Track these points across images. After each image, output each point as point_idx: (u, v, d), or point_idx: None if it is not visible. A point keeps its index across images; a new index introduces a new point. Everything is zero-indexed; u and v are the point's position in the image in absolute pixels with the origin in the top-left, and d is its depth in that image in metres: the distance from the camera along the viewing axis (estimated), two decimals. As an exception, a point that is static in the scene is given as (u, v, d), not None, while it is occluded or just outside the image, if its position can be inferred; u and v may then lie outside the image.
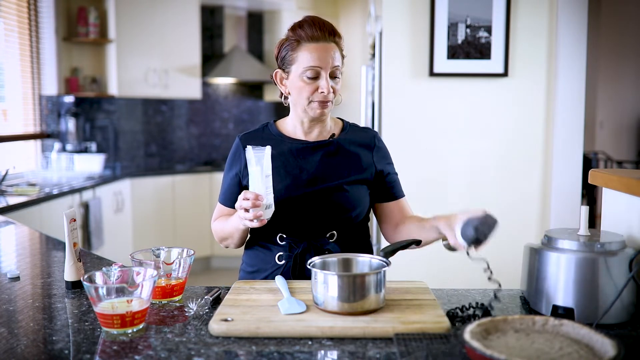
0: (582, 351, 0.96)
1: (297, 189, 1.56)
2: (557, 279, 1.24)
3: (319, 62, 1.50)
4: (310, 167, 1.57)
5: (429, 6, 2.76)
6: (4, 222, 2.53)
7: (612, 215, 1.50)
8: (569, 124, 2.81)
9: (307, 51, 1.50)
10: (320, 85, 1.51)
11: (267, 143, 1.53)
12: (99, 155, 4.92)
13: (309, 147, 1.59)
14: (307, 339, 1.12)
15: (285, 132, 1.64)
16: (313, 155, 1.59)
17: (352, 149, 1.62)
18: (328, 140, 1.61)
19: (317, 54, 1.50)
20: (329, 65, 1.51)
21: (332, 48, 1.52)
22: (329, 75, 1.52)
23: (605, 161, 6.61)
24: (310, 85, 1.52)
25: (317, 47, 1.50)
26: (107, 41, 4.93)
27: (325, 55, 1.50)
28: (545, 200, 2.86)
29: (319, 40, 1.51)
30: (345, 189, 1.57)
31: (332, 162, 1.58)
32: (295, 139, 1.61)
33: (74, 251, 1.44)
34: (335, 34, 1.54)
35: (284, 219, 1.55)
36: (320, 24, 1.53)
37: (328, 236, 1.57)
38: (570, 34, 2.77)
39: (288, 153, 1.59)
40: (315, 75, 1.51)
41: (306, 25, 1.52)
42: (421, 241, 1.52)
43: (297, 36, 1.52)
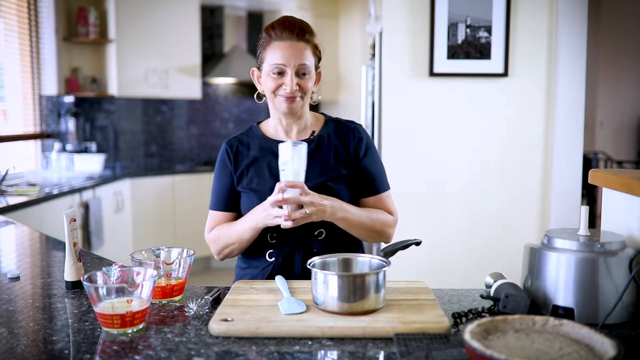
0: (582, 351, 0.96)
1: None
2: (557, 279, 1.24)
3: (283, 60, 1.55)
4: None
5: (429, 6, 2.76)
6: (4, 222, 2.53)
7: (612, 215, 1.50)
8: (569, 124, 2.81)
9: (274, 49, 1.57)
10: (285, 82, 1.56)
11: (252, 145, 1.63)
12: (99, 155, 4.92)
13: None
14: (307, 339, 1.12)
15: (268, 133, 1.68)
16: None
17: (333, 145, 1.65)
18: (309, 139, 1.64)
19: (282, 52, 1.55)
20: (295, 64, 1.55)
21: (300, 47, 1.56)
22: (296, 73, 1.56)
23: (605, 161, 6.61)
24: (276, 81, 1.57)
25: (284, 45, 1.56)
26: (107, 41, 4.93)
27: (291, 53, 1.55)
28: (545, 200, 2.86)
29: (287, 40, 1.56)
30: (329, 186, 1.59)
31: (315, 161, 1.60)
32: (277, 139, 1.64)
33: (74, 251, 1.44)
34: (306, 33, 1.58)
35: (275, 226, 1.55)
36: (290, 24, 1.58)
37: (316, 234, 1.59)
38: (570, 34, 2.77)
39: (271, 154, 1.63)
40: (280, 71, 1.56)
41: (277, 25, 1.58)
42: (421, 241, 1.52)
43: (269, 35, 1.59)
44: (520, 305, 1.22)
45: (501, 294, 1.23)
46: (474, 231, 2.88)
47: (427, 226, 2.85)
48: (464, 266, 2.87)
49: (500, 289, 1.26)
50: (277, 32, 1.57)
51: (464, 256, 2.89)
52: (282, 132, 1.66)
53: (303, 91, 1.58)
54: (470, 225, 2.88)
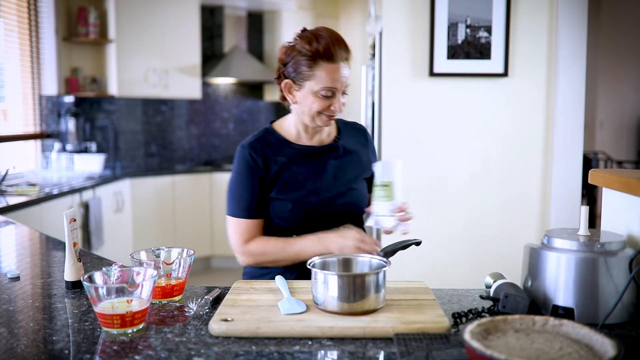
0: (582, 351, 0.96)
1: (311, 196, 1.61)
2: (557, 279, 1.24)
3: (335, 83, 1.55)
4: (321, 172, 1.63)
5: (429, 6, 2.76)
6: (4, 222, 2.53)
7: (612, 215, 1.50)
8: (569, 124, 2.81)
9: (324, 71, 1.54)
10: (333, 103, 1.56)
11: (275, 149, 1.61)
12: (99, 155, 4.92)
13: (317, 151, 1.65)
14: (307, 339, 1.12)
15: (288, 136, 1.66)
16: (322, 161, 1.65)
17: (352, 148, 1.69)
18: (334, 145, 1.67)
19: (334, 75, 1.54)
20: (343, 85, 1.57)
21: (345, 67, 1.57)
22: (343, 92, 1.58)
23: (605, 161, 6.61)
24: (323, 102, 1.56)
25: (334, 68, 1.54)
26: (107, 41, 4.93)
27: (341, 76, 1.56)
28: (545, 200, 2.86)
29: (336, 61, 1.55)
30: (354, 188, 1.65)
31: (341, 165, 1.66)
32: (300, 144, 1.65)
33: (74, 251, 1.44)
34: (348, 52, 1.59)
35: (299, 224, 1.61)
36: (337, 43, 1.55)
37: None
38: (570, 34, 2.77)
39: (298, 159, 1.63)
40: (329, 95, 1.55)
41: (323, 41, 1.54)
42: (421, 241, 1.54)
43: (314, 52, 1.53)
44: (520, 305, 1.22)
45: (501, 294, 1.24)
46: (474, 231, 2.88)
47: (427, 226, 2.85)
48: (464, 266, 2.87)
49: (500, 289, 1.26)
50: (325, 51, 1.53)
51: (464, 256, 2.89)
52: (305, 137, 1.66)
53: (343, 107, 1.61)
54: (470, 225, 2.88)
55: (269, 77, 5.92)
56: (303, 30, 1.60)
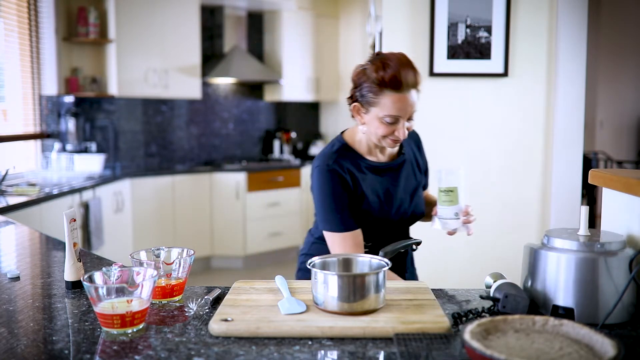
0: (582, 351, 0.96)
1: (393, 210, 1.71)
2: (557, 279, 1.24)
3: (399, 112, 1.58)
4: (395, 185, 1.73)
5: (429, 6, 2.76)
6: (4, 222, 2.53)
7: (612, 215, 1.50)
8: (569, 124, 2.81)
9: (389, 100, 1.57)
10: (397, 129, 1.60)
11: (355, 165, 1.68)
12: (99, 155, 4.92)
13: (392, 167, 1.74)
14: (307, 339, 1.12)
15: (361, 151, 1.72)
16: (395, 174, 1.74)
17: (412, 157, 1.81)
18: (402, 159, 1.76)
19: (399, 104, 1.57)
20: (408, 113, 1.60)
21: (412, 95, 1.59)
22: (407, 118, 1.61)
23: (605, 161, 6.61)
24: (387, 128, 1.60)
25: (399, 97, 1.57)
26: (107, 41, 4.93)
27: (406, 104, 1.58)
28: (545, 200, 2.86)
29: (402, 90, 1.56)
30: (418, 195, 1.78)
31: (408, 175, 1.76)
32: (374, 160, 1.72)
33: (74, 251, 1.44)
34: (417, 79, 1.59)
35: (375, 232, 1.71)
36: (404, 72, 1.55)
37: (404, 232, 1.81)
38: (570, 34, 2.77)
39: (375, 174, 1.71)
40: (394, 122, 1.59)
41: (390, 70, 1.55)
42: (421, 241, 1.55)
43: (380, 80, 1.56)
44: (520, 305, 1.22)
45: (501, 294, 1.24)
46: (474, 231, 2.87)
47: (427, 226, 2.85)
48: (464, 266, 2.87)
49: (500, 289, 1.26)
50: (393, 80, 1.55)
51: (464, 256, 2.89)
52: (376, 152, 1.73)
53: (408, 132, 1.64)
54: (470, 225, 2.87)
55: (269, 77, 5.92)
56: (377, 54, 1.64)
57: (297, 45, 6.15)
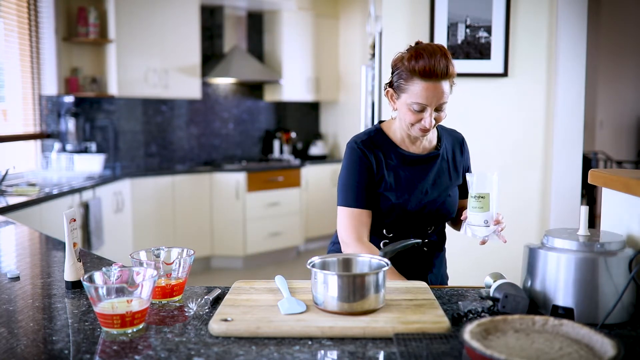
0: (582, 351, 0.96)
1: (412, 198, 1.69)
2: (557, 279, 1.24)
3: (426, 100, 1.58)
4: (423, 178, 1.71)
5: (429, 6, 2.76)
6: (4, 222, 2.53)
7: (612, 215, 1.50)
8: (569, 124, 2.81)
9: (417, 87, 1.58)
10: (423, 118, 1.60)
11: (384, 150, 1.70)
12: (99, 155, 4.92)
13: (422, 159, 1.72)
14: (307, 339, 1.12)
15: (395, 139, 1.73)
16: (425, 168, 1.72)
17: (450, 156, 1.79)
18: (436, 153, 1.74)
19: (426, 92, 1.57)
20: (436, 103, 1.59)
21: (442, 86, 1.58)
22: (436, 108, 1.60)
23: (605, 161, 6.61)
24: (415, 115, 1.61)
25: (427, 86, 1.57)
26: (107, 41, 4.93)
27: (434, 94, 1.57)
28: (545, 200, 2.86)
29: (431, 79, 1.57)
30: (449, 195, 1.74)
31: (441, 172, 1.74)
32: (405, 149, 1.72)
33: (74, 251, 1.44)
34: (449, 69, 1.58)
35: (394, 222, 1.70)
36: (436, 62, 1.56)
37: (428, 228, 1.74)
38: (570, 34, 2.77)
39: (403, 163, 1.71)
40: (420, 109, 1.60)
41: (422, 60, 1.57)
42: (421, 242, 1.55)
43: (411, 67, 1.58)
44: (520, 305, 1.22)
45: (501, 294, 1.24)
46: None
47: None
48: (464, 266, 2.87)
49: (500, 289, 1.27)
50: (422, 68, 1.56)
51: (464, 256, 2.89)
52: (409, 142, 1.73)
53: (438, 121, 1.64)
54: (470, 225, 2.87)
55: (269, 77, 5.92)
56: (416, 43, 1.67)
57: (297, 45, 6.15)
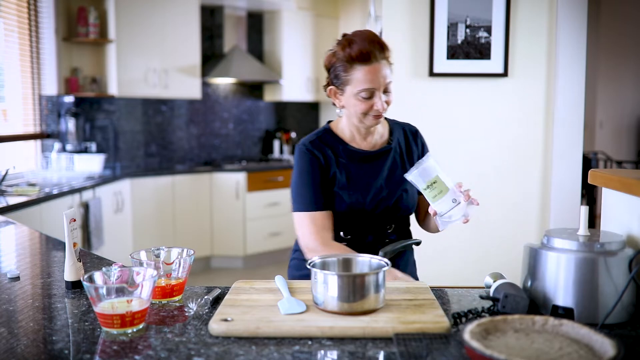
0: (582, 351, 0.96)
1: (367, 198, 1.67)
2: (557, 279, 1.24)
3: (373, 83, 1.57)
4: (376, 174, 1.68)
5: (429, 6, 2.76)
6: (4, 222, 2.53)
7: (612, 215, 1.50)
8: (569, 124, 2.81)
9: (360, 73, 1.57)
10: (375, 103, 1.59)
11: (334, 148, 1.68)
12: (99, 155, 4.92)
13: (373, 155, 1.70)
14: (307, 339, 1.12)
15: (344, 137, 1.72)
16: (377, 164, 1.70)
17: (404, 149, 1.73)
18: (387, 147, 1.71)
19: (371, 76, 1.57)
20: (382, 84, 1.58)
21: (382, 66, 1.58)
22: (384, 91, 1.59)
23: (605, 161, 6.61)
24: (365, 103, 1.60)
25: (369, 69, 1.56)
26: (107, 41, 4.93)
27: (378, 75, 1.57)
28: (545, 200, 2.86)
29: (371, 62, 1.56)
30: (406, 190, 1.70)
31: (394, 167, 1.70)
32: (355, 146, 1.71)
33: (74, 251, 1.44)
34: (384, 50, 1.59)
35: (351, 223, 1.67)
36: (370, 44, 1.56)
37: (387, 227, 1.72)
38: (570, 34, 2.77)
39: (357, 161, 1.69)
40: (369, 95, 1.58)
41: (355, 45, 1.57)
42: (421, 241, 1.55)
43: (348, 57, 1.57)
44: (520, 305, 1.22)
45: (501, 294, 1.24)
46: (474, 231, 2.88)
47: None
48: (464, 266, 2.87)
49: (500, 289, 1.27)
50: (359, 54, 1.56)
51: (464, 256, 2.89)
52: (360, 139, 1.71)
53: (388, 105, 1.63)
54: (469, 225, 2.87)
55: (269, 77, 5.92)
56: (343, 36, 1.65)
57: (297, 45, 6.15)
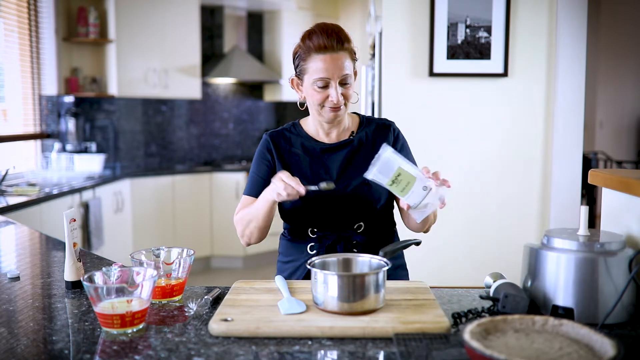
0: (582, 351, 0.96)
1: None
2: (557, 279, 1.24)
3: (326, 73, 1.56)
4: (335, 166, 1.67)
5: (429, 6, 2.76)
6: (4, 222, 2.53)
7: (612, 215, 1.50)
8: (569, 124, 2.81)
9: (315, 62, 1.58)
10: (330, 94, 1.58)
11: (295, 141, 1.70)
12: (99, 155, 4.92)
13: (332, 147, 1.69)
14: (307, 339, 1.12)
15: (309, 132, 1.72)
16: (336, 155, 1.68)
17: (371, 145, 1.70)
18: (349, 139, 1.70)
19: (325, 64, 1.56)
20: (338, 75, 1.57)
21: (340, 57, 1.57)
22: (339, 82, 1.58)
23: (605, 161, 6.61)
24: (320, 94, 1.59)
25: (325, 58, 1.56)
26: (107, 41, 4.93)
27: (333, 65, 1.56)
28: (545, 200, 2.86)
29: (327, 51, 1.56)
30: (368, 184, 1.64)
31: (354, 159, 1.68)
32: (318, 140, 1.70)
33: (74, 251, 1.44)
34: (344, 42, 1.58)
35: (314, 216, 1.65)
36: (328, 34, 1.57)
37: (356, 227, 1.66)
38: (570, 34, 2.77)
39: (313, 153, 1.69)
40: (324, 85, 1.58)
41: (314, 36, 1.58)
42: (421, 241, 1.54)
43: (307, 47, 1.59)
44: (520, 305, 1.22)
45: (500, 294, 1.24)
46: (474, 231, 2.88)
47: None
48: (464, 266, 2.87)
49: (500, 289, 1.27)
50: (315, 42, 1.57)
51: (463, 256, 2.89)
52: (323, 134, 1.71)
53: (346, 99, 1.62)
54: (469, 225, 2.88)
55: (269, 77, 5.92)
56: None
57: (297, 45, 6.15)
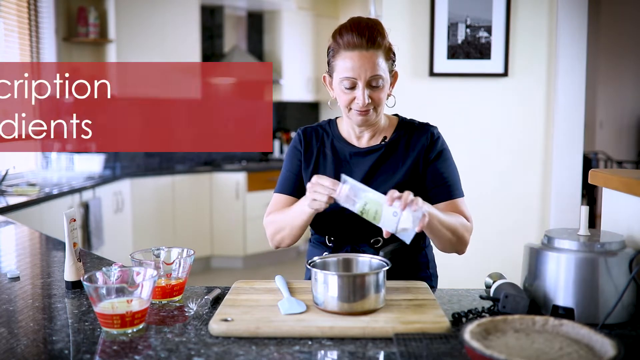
0: (582, 351, 0.96)
1: None
2: (557, 279, 1.24)
3: (353, 72, 1.45)
4: (360, 173, 1.55)
5: (429, 6, 2.76)
6: (4, 222, 2.53)
7: (612, 215, 1.50)
8: (569, 124, 2.81)
9: (344, 60, 1.46)
10: (356, 95, 1.47)
11: (326, 140, 1.60)
12: (99, 155, 4.92)
13: (361, 152, 1.58)
14: (307, 339, 1.12)
15: (342, 132, 1.62)
16: (364, 161, 1.56)
17: (402, 151, 1.57)
18: (379, 145, 1.57)
19: (352, 63, 1.45)
20: (366, 76, 1.45)
21: (370, 56, 1.45)
22: (368, 84, 1.46)
23: (605, 161, 6.61)
24: (347, 95, 1.48)
25: (352, 55, 1.45)
26: (107, 41, 4.93)
27: (361, 65, 1.44)
28: (545, 200, 2.86)
29: (356, 49, 1.44)
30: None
31: (382, 167, 1.56)
32: (349, 142, 1.60)
33: (74, 251, 1.44)
34: (377, 38, 1.46)
35: (330, 225, 1.56)
36: (359, 30, 1.45)
37: (372, 242, 1.56)
38: (570, 34, 2.77)
39: (342, 156, 1.59)
40: (352, 86, 1.47)
41: (344, 31, 1.46)
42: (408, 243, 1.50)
43: (337, 43, 1.48)
44: (520, 305, 1.22)
45: (501, 294, 1.24)
46: (474, 231, 2.87)
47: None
48: (464, 266, 2.87)
49: (500, 289, 1.26)
50: (345, 39, 1.45)
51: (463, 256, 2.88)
52: (354, 137, 1.60)
53: (376, 103, 1.49)
54: (470, 225, 2.88)
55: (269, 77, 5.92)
56: None
57: (296, 45, 6.15)
